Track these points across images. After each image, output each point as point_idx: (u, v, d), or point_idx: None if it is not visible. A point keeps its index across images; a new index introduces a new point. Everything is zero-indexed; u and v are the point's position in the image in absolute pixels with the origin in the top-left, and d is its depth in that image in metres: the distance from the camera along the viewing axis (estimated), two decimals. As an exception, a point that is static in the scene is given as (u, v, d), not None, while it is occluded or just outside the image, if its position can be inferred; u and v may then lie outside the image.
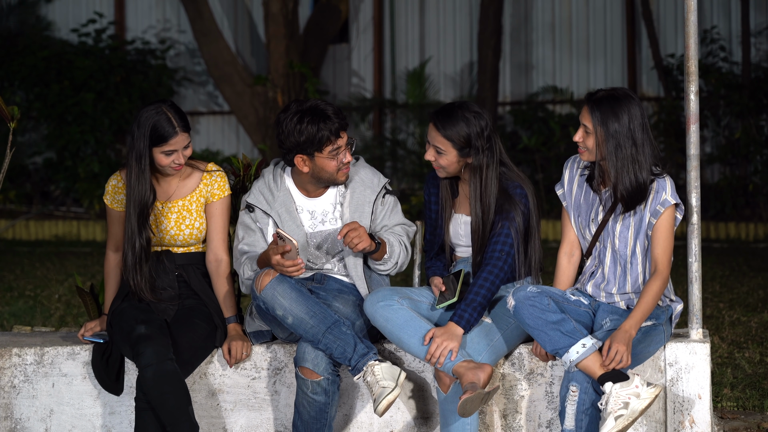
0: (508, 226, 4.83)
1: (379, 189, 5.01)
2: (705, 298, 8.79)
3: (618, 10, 16.08)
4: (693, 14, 4.85)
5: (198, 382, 5.00)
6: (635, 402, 4.45)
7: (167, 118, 4.89)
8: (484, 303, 4.74)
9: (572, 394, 4.51)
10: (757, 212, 14.13)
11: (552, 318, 4.57)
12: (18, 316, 8.60)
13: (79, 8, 17.96)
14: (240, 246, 5.02)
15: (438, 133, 4.86)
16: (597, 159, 4.71)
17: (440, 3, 16.80)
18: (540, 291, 4.62)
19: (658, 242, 4.66)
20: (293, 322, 4.74)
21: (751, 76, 14.58)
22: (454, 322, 4.71)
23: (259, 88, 15.75)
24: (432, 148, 4.89)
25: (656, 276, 4.63)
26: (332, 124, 4.86)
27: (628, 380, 4.47)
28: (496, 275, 4.78)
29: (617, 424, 4.42)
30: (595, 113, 4.65)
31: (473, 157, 4.87)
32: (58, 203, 16.54)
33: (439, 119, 4.87)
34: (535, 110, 15.42)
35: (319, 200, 5.01)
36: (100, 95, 16.27)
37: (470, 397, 4.52)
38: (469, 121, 4.85)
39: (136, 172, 4.91)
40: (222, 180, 5.04)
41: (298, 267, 4.77)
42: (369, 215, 4.98)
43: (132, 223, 4.92)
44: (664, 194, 4.66)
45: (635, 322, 4.57)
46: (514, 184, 4.88)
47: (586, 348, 4.51)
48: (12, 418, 5.05)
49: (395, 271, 5.00)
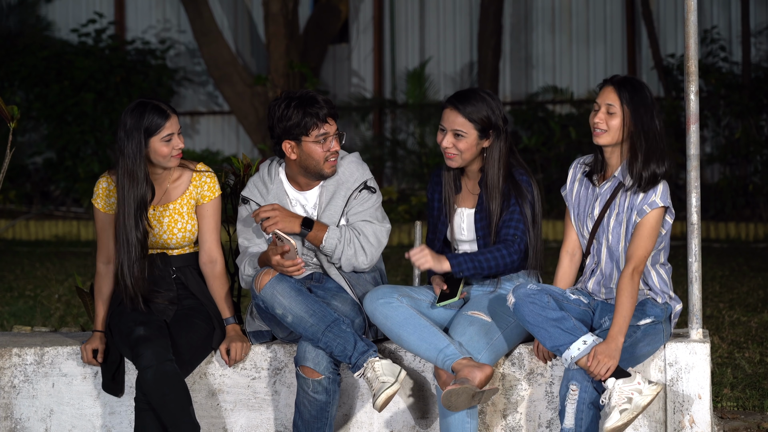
0: (519, 212, 4.83)
1: (357, 185, 4.99)
2: (705, 298, 8.79)
3: (618, 10, 16.08)
4: (693, 14, 4.86)
5: (198, 382, 5.00)
6: (638, 398, 4.45)
7: (153, 105, 4.87)
8: (483, 264, 4.77)
9: (572, 393, 4.52)
10: (757, 212, 14.13)
11: (552, 315, 4.57)
12: (18, 316, 8.60)
13: (79, 8, 17.96)
14: (240, 239, 5.03)
15: (459, 115, 4.85)
16: (616, 141, 4.71)
17: (440, 3, 16.80)
18: (540, 289, 4.63)
19: (634, 238, 4.64)
20: (293, 321, 4.74)
21: (751, 76, 14.58)
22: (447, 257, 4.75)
23: (259, 88, 15.76)
24: (450, 133, 4.87)
25: (625, 270, 4.59)
26: (320, 109, 4.87)
27: (630, 377, 4.48)
28: (503, 256, 4.78)
29: (622, 417, 4.43)
30: (624, 93, 4.68)
31: (491, 140, 4.88)
32: (58, 203, 16.53)
33: (459, 100, 4.87)
34: (535, 110, 15.42)
35: (310, 193, 5.00)
36: (100, 95, 16.27)
37: (455, 389, 4.50)
38: (487, 102, 4.87)
39: (131, 172, 4.84)
40: (212, 181, 5.02)
41: (298, 267, 4.77)
42: (341, 209, 4.96)
43: (128, 218, 4.85)
44: (653, 196, 4.66)
45: (621, 327, 4.54)
46: (520, 171, 4.89)
47: (587, 345, 4.52)
48: (12, 418, 5.05)
49: (346, 267, 4.92)
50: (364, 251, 4.92)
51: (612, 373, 4.48)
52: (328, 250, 4.90)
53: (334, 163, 4.94)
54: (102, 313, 5.00)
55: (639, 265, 4.61)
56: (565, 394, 4.54)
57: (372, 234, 4.93)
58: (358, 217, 4.95)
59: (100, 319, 5.00)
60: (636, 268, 4.60)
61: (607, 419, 4.45)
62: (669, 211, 4.69)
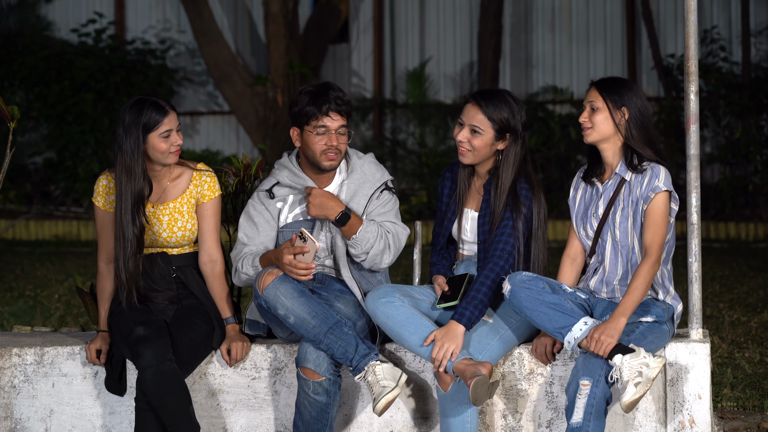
0: (512, 226, 4.83)
1: (379, 184, 5.00)
2: (705, 298, 8.79)
3: (618, 10, 16.08)
4: (693, 14, 4.86)
5: (198, 382, 5.00)
6: (647, 371, 4.46)
7: (152, 102, 4.88)
8: (485, 301, 4.74)
9: (583, 388, 4.51)
10: (757, 212, 14.13)
11: (549, 299, 4.60)
12: (18, 316, 8.60)
13: (79, 8, 17.96)
14: (240, 234, 5.02)
15: (479, 111, 4.87)
16: (604, 137, 4.73)
17: (440, 3, 16.81)
18: (535, 276, 4.67)
19: (648, 227, 4.67)
20: (295, 322, 4.73)
21: (751, 76, 14.58)
22: (455, 320, 4.70)
23: (259, 88, 15.76)
24: (467, 127, 4.88)
25: (646, 260, 4.63)
26: (326, 102, 4.88)
27: (635, 352, 4.49)
28: (497, 273, 4.78)
29: (638, 390, 4.44)
30: (604, 87, 4.74)
31: (507, 143, 4.88)
32: (58, 203, 16.53)
33: (482, 97, 4.89)
34: (535, 110, 15.42)
35: (327, 189, 5.00)
36: (100, 95, 16.27)
37: (479, 380, 4.52)
38: (511, 105, 4.88)
39: (129, 168, 4.84)
40: (212, 180, 5.02)
41: (309, 271, 4.76)
42: (363, 207, 4.97)
43: (125, 213, 4.84)
44: (656, 181, 4.68)
45: (626, 308, 4.57)
46: (522, 184, 4.89)
47: (588, 326, 4.53)
48: (12, 418, 5.05)
49: (369, 264, 4.94)
50: (390, 250, 4.95)
51: (617, 350, 4.48)
52: (360, 242, 4.89)
53: (332, 158, 4.93)
54: (105, 313, 5.00)
55: (659, 255, 4.64)
56: (575, 390, 4.53)
57: (397, 235, 4.97)
58: (383, 217, 4.98)
59: (103, 319, 5.00)
60: (657, 259, 4.64)
61: (624, 394, 4.44)
62: (673, 197, 4.71)
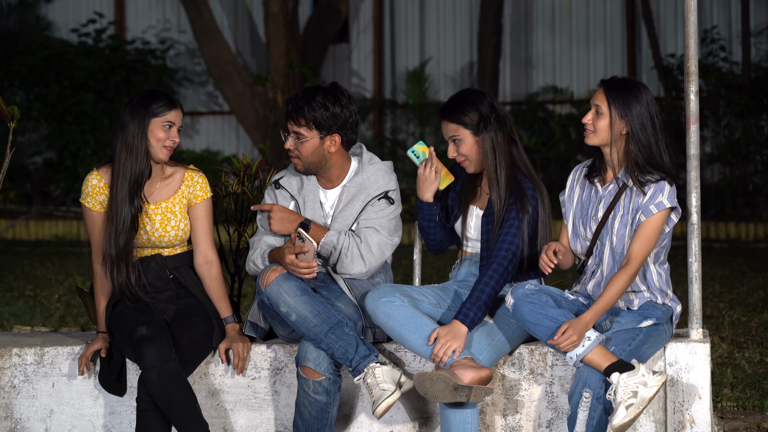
0: (517, 226, 4.83)
1: (377, 193, 4.98)
2: (705, 298, 8.79)
3: (618, 10, 16.09)
4: (693, 14, 4.86)
5: (198, 382, 5.00)
6: (643, 390, 4.44)
7: (165, 94, 4.93)
8: (488, 301, 4.74)
9: (585, 401, 4.49)
10: (757, 212, 14.14)
11: (552, 313, 4.57)
12: (18, 316, 8.60)
13: (79, 8, 17.97)
14: (259, 218, 5.06)
15: (449, 122, 4.92)
16: (604, 142, 4.71)
17: (440, 3, 16.81)
18: (538, 289, 4.63)
19: (638, 238, 4.65)
20: (296, 320, 4.73)
21: (751, 76, 14.58)
22: (459, 320, 4.71)
23: (259, 88, 15.76)
24: (451, 143, 4.93)
25: (626, 269, 4.61)
26: (290, 108, 4.92)
27: (633, 369, 4.47)
28: (501, 274, 4.78)
29: (628, 413, 4.41)
30: (613, 94, 4.69)
31: (485, 134, 4.88)
32: (58, 203, 16.54)
33: (446, 109, 4.95)
34: (535, 110, 15.43)
35: (331, 192, 5.02)
36: (100, 95, 16.28)
37: (427, 373, 4.52)
38: (470, 100, 4.92)
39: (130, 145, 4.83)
40: (203, 181, 5.02)
41: (311, 270, 4.76)
42: (356, 213, 4.96)
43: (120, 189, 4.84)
44: (660, 196, 4.65)
45: (595, 314, 4.57)
46: (527, 184, 4.89)
47: (592, 341, 4.51)
48: (12, 418, 5.05)
49: (340, 271, 4.90)
50: (363, 260, 4.90)
51: (616, 368, 4.47)
52: (323, 254, 4.91)
53: (294, 160, 4.96)
54: (103, 314, 5.00)
55: (639, 267, 4.62)
56: (578, 401, 4.51)
57: (375, 244, 4.92)
58: (366, 223, 4.94)
59: (102, 320, 5.00)
60: (636, 270, 4.62)
61: (614, 416, 4.42)
62: (676, 210, 4.69)
